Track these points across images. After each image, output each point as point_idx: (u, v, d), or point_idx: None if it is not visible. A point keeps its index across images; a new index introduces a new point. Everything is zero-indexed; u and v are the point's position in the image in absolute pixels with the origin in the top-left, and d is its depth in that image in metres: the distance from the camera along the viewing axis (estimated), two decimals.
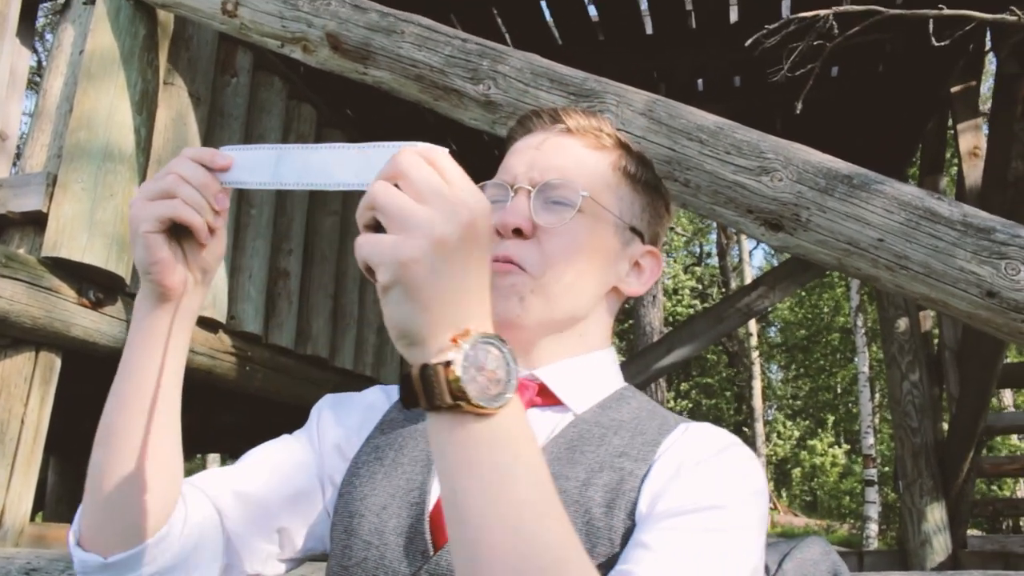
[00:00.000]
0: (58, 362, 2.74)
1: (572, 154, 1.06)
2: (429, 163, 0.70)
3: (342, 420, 1.11)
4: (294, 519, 1.05)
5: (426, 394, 0.67)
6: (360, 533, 0.96)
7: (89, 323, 2.76)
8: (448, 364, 0.66)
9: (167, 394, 0.94)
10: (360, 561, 0.94)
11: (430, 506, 0.94)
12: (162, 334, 0.92)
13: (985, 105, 5.87)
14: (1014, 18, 2.06)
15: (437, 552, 0.90)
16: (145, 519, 0.92)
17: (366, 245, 0.68)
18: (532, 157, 1.06)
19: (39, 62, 12.40)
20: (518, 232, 1.00)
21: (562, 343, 1.04)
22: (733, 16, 4.30)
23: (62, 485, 6.67)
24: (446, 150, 0.73)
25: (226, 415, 5.12)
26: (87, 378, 3.73)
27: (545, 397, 1.01)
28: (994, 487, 13.50)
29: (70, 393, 3.24)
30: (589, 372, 1.05)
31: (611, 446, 0.94)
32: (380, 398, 1.15)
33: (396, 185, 0.69)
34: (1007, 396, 15.80)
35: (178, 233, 0.90)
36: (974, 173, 4.74)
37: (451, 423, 0.68)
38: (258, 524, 1.03)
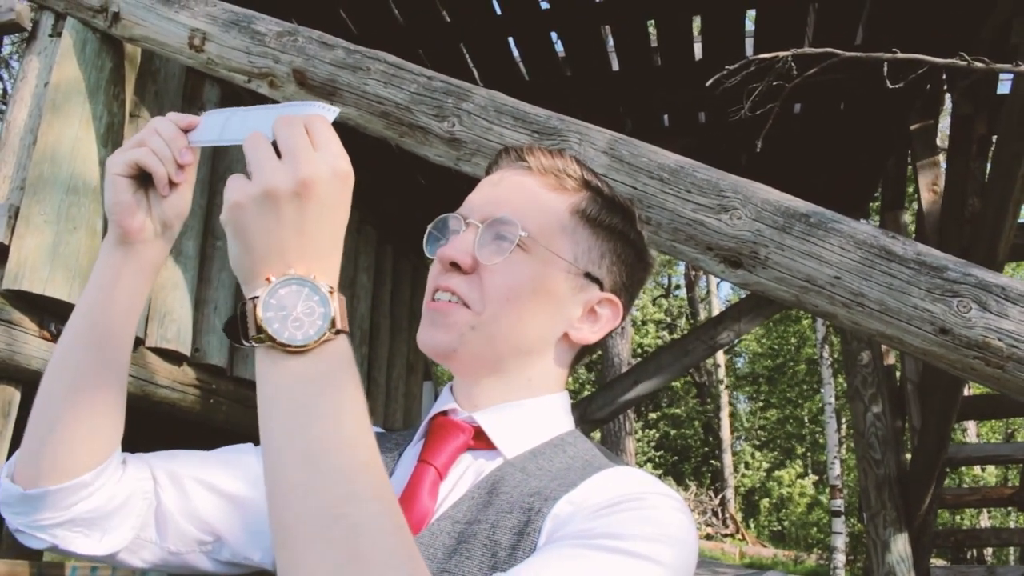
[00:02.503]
0: (18, 396, 2.70)
1: (528, 193, 1.03)
2: (306, 126, 0.76)
3: None
4: (231, 520, 1.05)
5: (241, 328, 0.73)
6: None
7: (50, 357, 2.73)
8: (255, 300, 0.71)
9: (117, 335, 1.00)
10: None
11: None
12: (118, 275, 0.98)
13: (945, 142, 6.01)
14: (964, 63, 2.13)
15: None
16: (73, 458, 0.96)
17: (227, 185, 0.76)
18: (489, 193, 1.05)
19: (4, 91, 12.30)
20: (456, 266, 1.00)
21: (506, 386, 1.02)
22: (698, 54, 4.37)
23: None
24: (330, 115, 0.79)
25: (191, 447, 5.06)
26: None
27: (480, 441, 1.00)
28: (956, 517, 13.64)
29: None
30: (530, 417, 1.02)
31: (526, 487, 0.92)
32: None
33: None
34: (971, 427, 16.01)
35: (145, 183, 0.97)
36: (933, 209, 4.84)
37: (263, 357, 0.72)
38: (191, 509, 1.04)
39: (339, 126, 0.94)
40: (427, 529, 0.91)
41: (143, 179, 0.97)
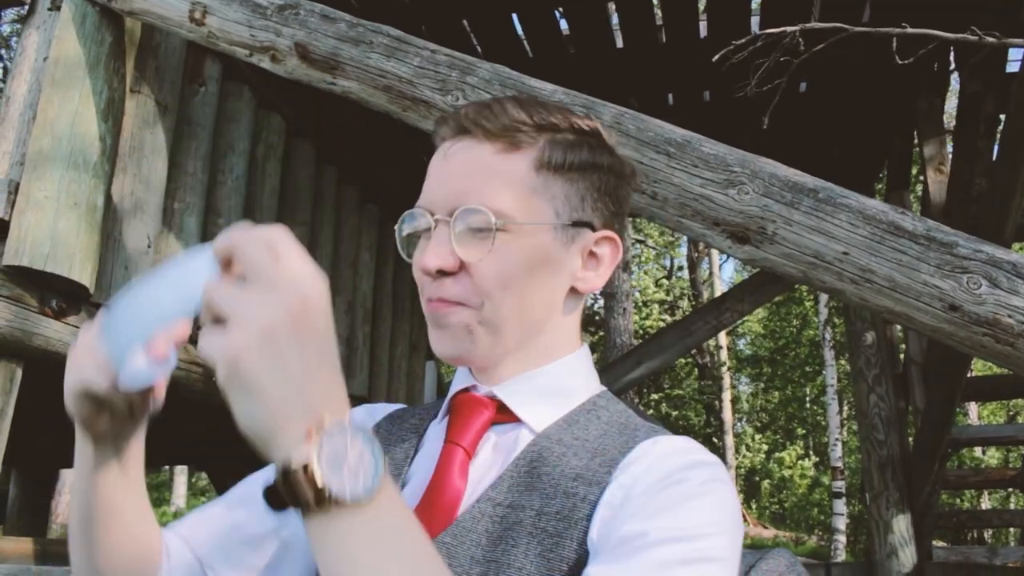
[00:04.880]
0: (19, 372, 2.69)
1: (485, 167, 0.94)
2: (262, 243, 0.66)
3: None
4: (282, 560, 1.02)
5: (292, 499, 0.63)
6: None
7: (52, 333, 2.72)
8: (307, 466, 0.62)
9: (119, 503, 0.91)
10: None
11: None
12: (94, 466, 0.89)
13: (951, 123, 5.98)
14: (975, 37, 2.09)
15: None
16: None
17: (202, 343, 0.64)
18: (445, 178, 0.95)
19: (4, 68, 12.24)
20: (443, 272, 0.93)
21: (524, 358, 0.98)
22: (703, 31, 4.33)
23: (23, 498, 6.56)
24: (283, 229, 0.68)
25: (194, 428, 5.06)
26: (49, 389, 3.68)
27: (505, 414, 0.97)
28: (956, 499, 13.67)
29: (32, 404, 3.19)
30: (552, 383, 0.99)
31: (568, 467, 0.89)
32: (366, 415, 1.13)
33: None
34: (972, 409, 16.02)
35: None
36: (939, 189, 4.81)
37: (320, 520, 0.64)
38: (228, 550, 1.01)
39: (343, 101, 0.91)
40: (468, 513, 0.89)
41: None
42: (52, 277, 2.66)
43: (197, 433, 5.36)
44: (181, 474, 21.15)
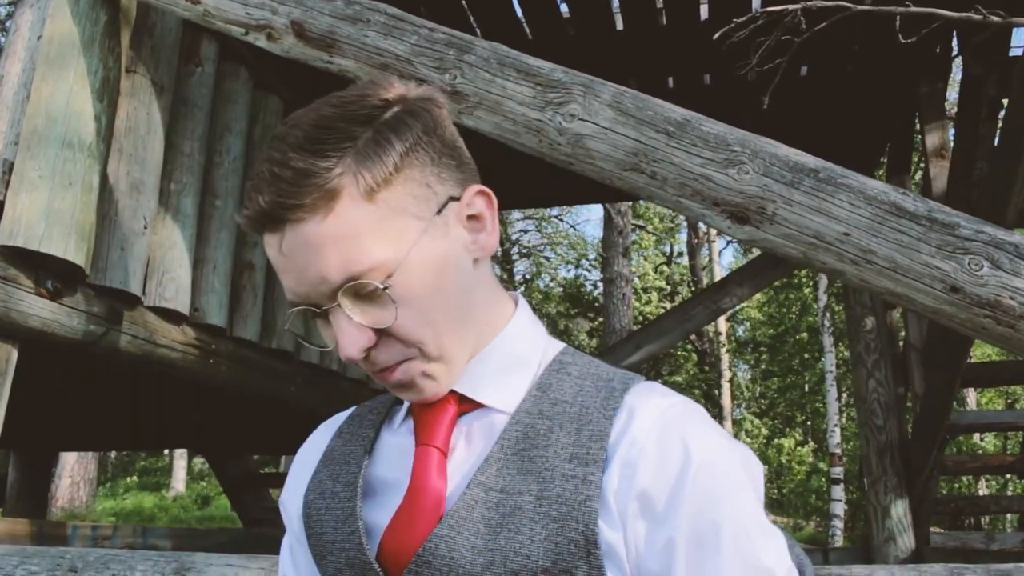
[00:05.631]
0: (15, 353, 2.68)
1: (325, 242, 0.83)
2: None
3: (294, 493, 1.06)
4: None
5: None
6: (329, 574, 0.94)
7: (47, 314, 2.70)
8: None
9: None
10: None
11: (366, 533, 0.91)
12: None
13: (952, 109, 5.94)
14: (979, 16, 2.07)
15: None
16: None
17: None
18: (298, 273, 0.85)
19: None
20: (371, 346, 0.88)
21: (471, 349, 0.94)
22: (703, 13, 4.30)
23: (22, 480, 6.56)
24: None
25: (193, 411, 5.06)
26: (46, 370, 3.67)
27: (470, 403, 0.94)
28: (954, 485, 13.70)
29: (28, 385, 3.18)
30: (505, 357, 0.95)
31: (559, 446, 0.86)
32: (320, 435, 1.09)
33: None
34: (970, 396, 16.04)
35: None
36: (940, 174, 4.79)
37: None
38: None
39: (340, 82, 0.89)
40: (460, 502, 0.86)
41: None
42: (47, 257, 2.64)
43: (196, 418, 5.37)
44: (180, 458, 21.18)
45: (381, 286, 0.84)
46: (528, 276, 24.51)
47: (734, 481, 0.82)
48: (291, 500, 1.06)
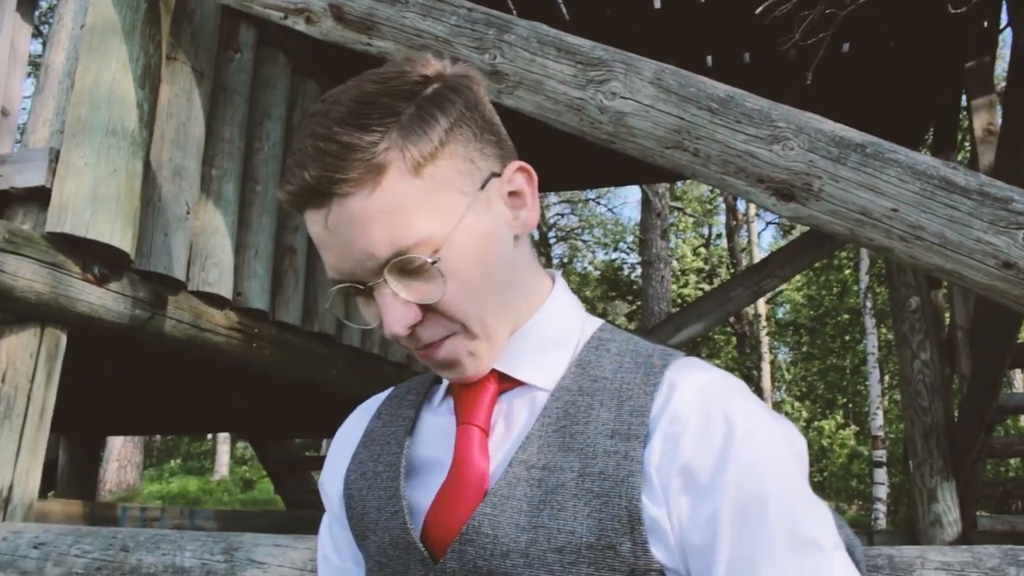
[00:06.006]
0: (63, 338, 2.73)
1: (372, 217, 0.83)
2: None
3: (334, 475, 1.07)
4: None
5: None
6: (372, 554, 0.95)
7: (95, 299, 2.74)
8: None
9: None
10: None
11: (410, 513, 0.91)
12: None
13: (1000, 84, 5.81)
14: None
15: (442, 557, 0.86)
16: None
17: None
18: (344, 249, 0.85)
19: (43, 44, 12.39)
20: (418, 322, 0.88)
21: (511, 325, 0.94)
22: None
23: (72, 464, 6.69)
24: None
25: (236, 395, 5.12)
26: (93, 356, 3.73)
27: (510, 381, 0.94)
28: (1002, 468, 13.48)
29: (77, 370, 3.23)
30: (544, 333, 0.95)
31: (599, 422, 0.86)
32: (359, 417, 1.10)
33: None
34: (1018, 377, 15.75)
35: None
36: (987, 151, 4.68)
37: None
38: None
39: (378, 65, 0.88)
40: (502, 479, 0.86)
41: None
42: (93, 243, 2.68)
43: (239, 402, 5.43)
44: (224, 443, 21.49)
45: (430, 260, 0.83)
46: (565, 260, 24.47)
47: (778, 454, 0.81)
48: (331, 482, 1.07)
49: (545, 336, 0.95)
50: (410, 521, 0.90)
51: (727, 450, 0.80)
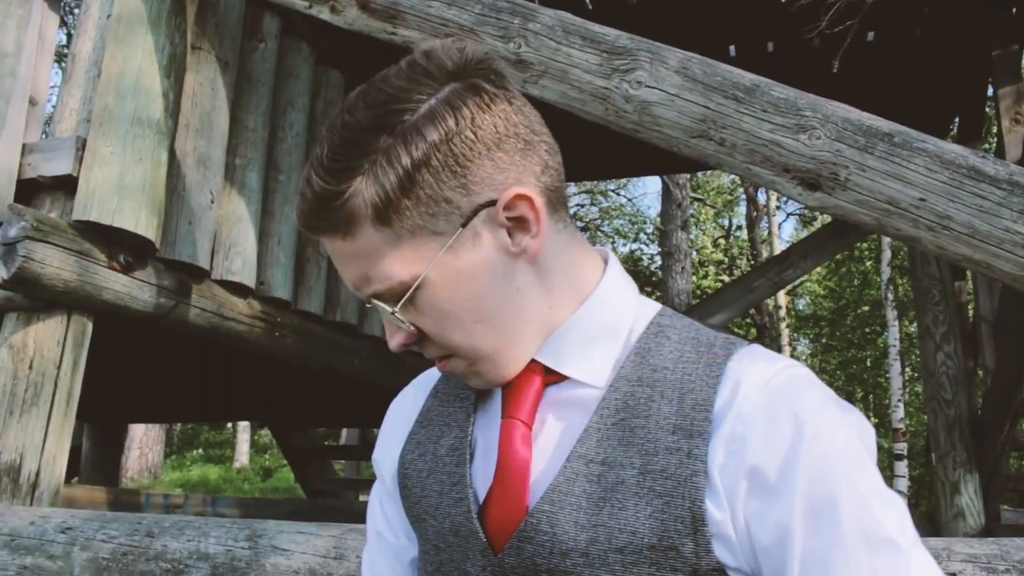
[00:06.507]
0: (90, 326, 2.76)
1: (352, 256, 0.86)
2: None
3: (389, 452, 1.06)
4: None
5: None
6: (428, 537, 0.94)
7: (120, 287, 2.77)
8: None
9: None
10: (439, 566, 0.92)
11: (475, 501, 0.90)
12: None
13: None
14: None
15: (500, 551, 0.85)
16: None
17: None
18: (341, 269, 0.89)
19: (68, 35, 12.46)
20: (412, 342, 0.90)
21: (528, 337, 0.91)
22: None
23: (95, 451, 6.76)
24: None
25: (258, 384, 5.15)
26: (118, 343, 3.76)
27: (555, 375, 0.91)
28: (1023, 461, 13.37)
29: (102, 358, 3.26)
30: (594, 322, 0.91)
31: (661, 416, 0.83)
32: (413, 393, 1.08)
33: None
34: None
35: None
36: (1015, 140, 4.63)
37: None
38: None
39: (401, 55, 0.86)
40: (561, 475, 0.84)
41: None
42: (119, 232, 2.70)
43: (262, 391, 5.46)
44: (244, 431, 21.64)
45: (391, 310, 0.86)
46: None
47: (849, 451, 0.79)
48: (385, 459, 1.06)
49: (593, 328, 0.91)
50: (475, 511, 0.89)
51: (796, 450, 0.78)
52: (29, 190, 2.89)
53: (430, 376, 1.08)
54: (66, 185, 2.81)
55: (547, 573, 0.82)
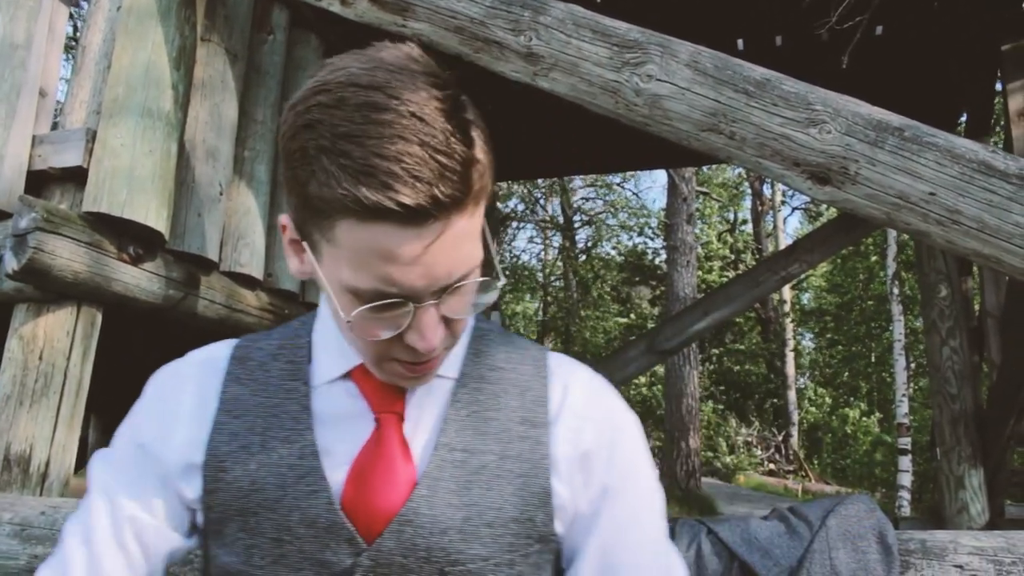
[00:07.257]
0: (99, 317, 2.77)
1: (463, 237, 0.81)
2: None
3: (169, 435, 1.00)
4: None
5: None
6: (260, 531, 0.92)
7: (129, 279, 2.78)
8: None
9: None
10: (278, 558, 0.91)
11: (336, 493, 0.92)
12: None
13: None
14: None
15: (377, 537, 0.90)
16: None
17: None
18: (430, 263, 0.80)
19: (75, 26, 12.46)
20: None
21: None
22: None
23: (102, 442, 6.78)
24: None
25: None
26: (126, 335, 3.77)
27: None
28: None
29: (110, 349, 3.27)
30: None
31: (509, 409, 0.98)
32: (194, 375, 1.05)
33: None
34: None
35: None
36: (1023, 135, 4.62)
37: None
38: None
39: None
40: (431, 463, 0.93)
41: None
42: (129, 223, 2.71)
43: None
44: None
45: (494, 282, 0.90)
46: (589, 244, 24.42)
47: (640, 437, 1.04)
48: (169, 447, 0.99)
49: None
50: (337, 502, 0.92)
51: (616, 438, 1.00)
52: (39, 181, 2.90)
53: (210, 357, 1.06)
54: (76, 177, 2.82)
55: (425, 551, 0.90)
